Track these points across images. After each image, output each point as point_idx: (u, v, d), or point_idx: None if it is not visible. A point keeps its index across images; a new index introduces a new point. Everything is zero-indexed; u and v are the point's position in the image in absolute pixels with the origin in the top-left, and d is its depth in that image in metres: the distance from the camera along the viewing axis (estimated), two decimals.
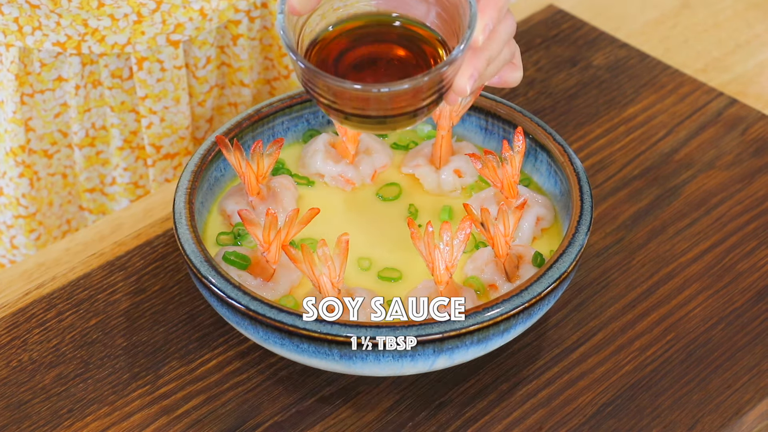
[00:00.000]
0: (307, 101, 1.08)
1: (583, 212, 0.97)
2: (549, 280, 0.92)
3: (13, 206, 1.24)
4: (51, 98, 1.19)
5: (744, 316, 1.02)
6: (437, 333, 0.89)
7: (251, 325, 0.91)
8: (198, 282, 0.94)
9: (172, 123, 1.22)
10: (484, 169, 1.00)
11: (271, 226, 0.94)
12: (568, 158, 1.01)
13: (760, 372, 0.97)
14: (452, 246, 0.91)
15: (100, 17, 1.13)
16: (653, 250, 1.07)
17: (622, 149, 1.16)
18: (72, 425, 0.94)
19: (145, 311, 1.02)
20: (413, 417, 0.95)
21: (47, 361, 0.99)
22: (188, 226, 0.96)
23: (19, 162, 1.20)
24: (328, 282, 0.91)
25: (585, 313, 1.02)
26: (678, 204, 1.11)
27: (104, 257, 1.07)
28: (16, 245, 1.27)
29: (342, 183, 1.06)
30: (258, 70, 1.28)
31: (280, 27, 0.86)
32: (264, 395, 0.96)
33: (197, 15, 1.17)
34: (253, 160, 1.00)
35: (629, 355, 0.99)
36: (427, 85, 0.85)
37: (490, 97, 1.07)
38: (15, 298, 1.04)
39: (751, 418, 0.95)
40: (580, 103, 1.22)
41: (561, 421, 0.94)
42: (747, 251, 1.07)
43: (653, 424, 0.94)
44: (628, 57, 1.27)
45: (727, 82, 1.25)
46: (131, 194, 1.26)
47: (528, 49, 1.28)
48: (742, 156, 1.16)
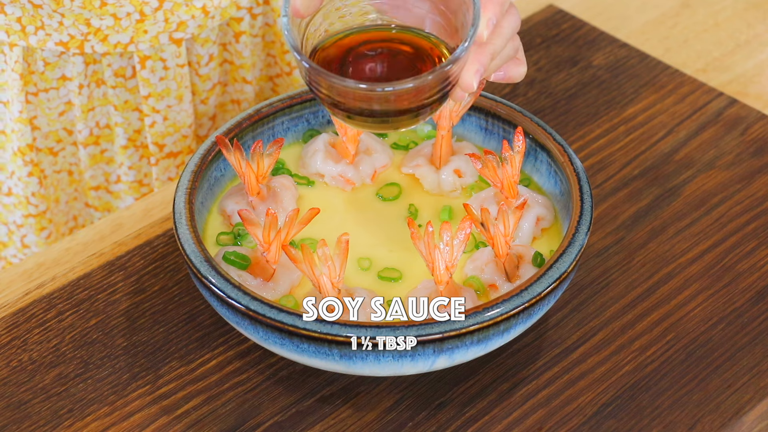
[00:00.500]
0: (307, 101, 1.08)
1: (583, 212, 0.97)
2: (549, 280, 0.92)
3: (23, 205, 1.24)
4: (55, 97, 1.19)
5: (744, 316, 1.02)
6: (437, 333, 0.89)
7: (251, 325, 0.91)
8: (198, 282, 0.94)
9: (175, 121, 1.22)
10: (484, 169, 1.00)
11: (271, 226, 0.94)
12: (568, 158, 1.01)
13: (760, 372, 0.97)
14: (452, 246, 0.91)
15: (103, 16, 1.13)
16: (653, 250, 1.07)
17: (622, 149, 1.16)
18: (72, 425, 0.94)
19: (145, 311, 1.02)
20: (413, 417, 0.95)
21: (47, 361, 0.99)
22: (188, 226, 0.96)
23: (27, 161, 1.21)
24: (328, 282, 0.91)
25: (585, 313, 1.02)
26: (678, 204, 1.11)
27: (104, 257, 1.07)
28: (27, 244, 1.27)
29: (342, 183, 1.06)
30: (260, 67, 1.28)
31: (285, 28, 0.86)
32: (264, 395, 0.96)
33: (199, 13, 1.17)
34: (253, 160, 1.00)
35: (629, 355, 0.99)
36: (431, 84, 0.85)
37: (490, 97, 1.07)
38: (15, 298, 1.04)
39: (751, 418, 0.95)
40: (580, 103, 1.22)
41: (561, 421, 0.94)
42: (747, 251, 1.07)
43: (653, 424, 0.94)
44: (628, 57, 1.27)
45: (727, 82, 1.25)
46: (136, 192, 1.27)
47: (528, 49, 1.28)
48: (742, 156, 1.16)
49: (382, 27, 0.93)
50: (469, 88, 0.87)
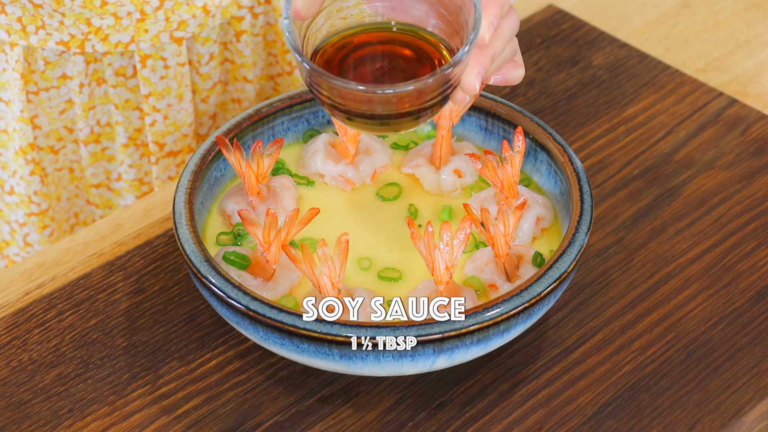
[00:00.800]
0: (307, 101, 1.08)
1: (583, 212, 0.97)
2: (549, 280, 0.92)
3: (25, 204, 1.24)
4: (56, 96, 1.19)
5: (744, 316, 1.02)
6: (437, 333, 0.89)
7: (251, 325, 0.91)
8: (198, 282, 0.94)
9: (176, 120, 1.22)
10: (484, 169, 1.00)
11: (271, 226, 0.94)
12: (568, 158, 1.01)
13: (760, 372, 0.97)
14: (452, 246, 0.91)
15: (104, 16, 1.13)
16: (653, 250, 1.07)
17: (622, 149, 1.16)
18: (72, 425, 0.94)
19: (145, 311, 1.02)
20: (413, 417, 0.95)
21: (47, 361, 0.99)
22: (188, 226, 0.96)
23: (29, 160, 1.21)
24: (328, 282, 0.91)
25: (585, 313, 1.02)
26: (678, 204, 1.11)
27: (104, 257, 1.07)
28: (29, 242, 1.27)
29: (342, 183, 1.06)
30: (261, 66, 1.28)
31: (286, 29, 0.86)
32: (264, 395, 0.96)
33: (200, 12, 1.17)
34: (253, 160, 1.00)
35: (629, 355, 0.99)
36: (432, 87, 0.85)
37: (490, 97, 1.07)
38: (15, 298, 1.04)
39: (751, 418, 0.95)
40: (580, 103, 1.22)
41: (561, 421, 0.94)
42: (747, 251, 1.07)
43: (653, 424, 0.94)
44: (628, 57, 1.27)
45: (727, 82, 1.25)
46: (137, 190, 1.27)
47: (528, 49, 1.28)
48: (742, 156, 1.16)
49: (382, 26, 0.93)
50: (472, 90, 0.87)
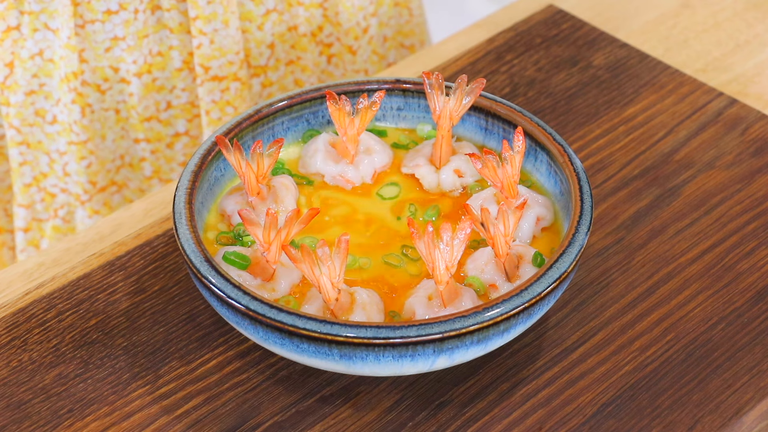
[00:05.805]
0: (307, 101, 1.08)
1: (583, 212, 0.97)
2: (549, 280, 0.92)
3: (66, 132, 1.28)
4: (101, 30, 1.22)
5: (744, 316, 1.02)
6: (437, 333, 0.89)
7: (251, 325, 0.91)
8: (198, 282, 0.94)
9: (222, 46, 1.25)
10: (484, 169, 1.00)
11: (271, 226, 0.94)
12: (568, 158, 1.02)
13: (760, 372, 0.97)
14: (452, 246, 0.91)
15: None
16: (653, 250, 1.07)
17: (622, 149, 1.17)
18: (72, 425, 0.94)
19: (145, 311, 1.02)
20: (413, 417, 0.95)
21: (47, 361, 0.99)
22: (188, 226, 0.96)
23: (72, 88, 1.24)
24: (328, 282, 0.91)
25: (585, 313, 1.02)
26: (678, 204, 1.11)
27: (104, 257, 1.07)
28: (68, 172, 1.31)
29: (342, 183, 1.06)
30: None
31: None
32: (264, 395, 0.96)
33: None
34: (253, 160, 1.00)
35: (629, 355, 0.99)
36: None
37: (490, 97, 1.07)
38: (15, 298, 1.04)
39: (751, 418, 0.95)
40: (580, 103, 1.22)
41: (561, 421, 0.94)
42: (747, 251, 1.07)
43: (653, 424, 0.94)
44: (628, 57, 1.27)
45: (727, 82, 1.25)
46: (188, 113, 1.30)
47: (528, 49, 1.28)
48: (742, 156, 1.16)
49: None
50: None
